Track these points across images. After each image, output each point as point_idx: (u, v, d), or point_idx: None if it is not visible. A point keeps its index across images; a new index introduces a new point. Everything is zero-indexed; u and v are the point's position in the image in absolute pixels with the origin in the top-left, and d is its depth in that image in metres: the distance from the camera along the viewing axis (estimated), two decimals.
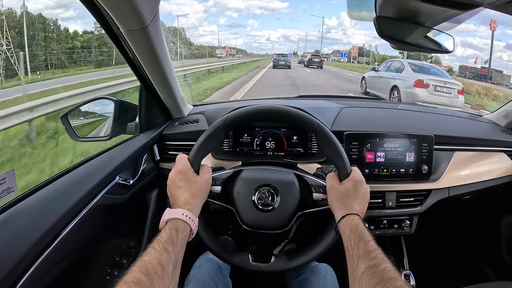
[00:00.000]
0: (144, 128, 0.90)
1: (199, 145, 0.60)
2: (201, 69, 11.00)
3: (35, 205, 0.57)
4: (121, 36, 0.64)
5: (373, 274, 0.42)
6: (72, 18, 23.52)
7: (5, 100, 5.05)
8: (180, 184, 0.55)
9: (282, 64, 16.85)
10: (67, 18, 25.73)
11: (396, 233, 0.87)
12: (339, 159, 0.60)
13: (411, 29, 0.70)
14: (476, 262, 1.16)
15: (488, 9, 0.58)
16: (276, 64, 16.90)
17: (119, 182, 0.72)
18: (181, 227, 0.49)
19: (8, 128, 3.03)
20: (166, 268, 0.42)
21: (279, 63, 16.89)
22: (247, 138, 0.84)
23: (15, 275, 0.45)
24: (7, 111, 3.07)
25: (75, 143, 0.99)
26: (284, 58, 17.68)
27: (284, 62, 17.07)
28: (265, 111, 0.65)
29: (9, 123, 3.03)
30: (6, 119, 3.00)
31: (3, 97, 5.33)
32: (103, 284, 0.73)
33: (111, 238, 0.76)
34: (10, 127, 3.05)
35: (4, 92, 6.02)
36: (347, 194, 0.57)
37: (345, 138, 0.82)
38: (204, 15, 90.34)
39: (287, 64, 16.86)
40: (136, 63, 0.73)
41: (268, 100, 1.24)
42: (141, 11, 0.55)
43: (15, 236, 0.49)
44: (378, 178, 0.83)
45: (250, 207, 0.63)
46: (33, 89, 6.07)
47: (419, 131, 0.85)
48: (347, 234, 0.51)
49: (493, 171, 0.90)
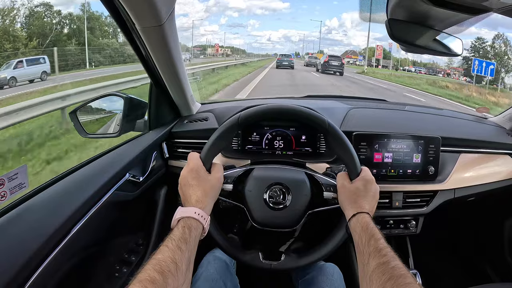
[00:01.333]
0: (153, 126, 0.90)
1: (211, 144, 0.60)
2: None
3: (47, 201, 0.57)
4: (136, 33, 0.64)
5: (384, 271, 0.43)
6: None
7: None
8: (192, 182, 0.55)
9: (285, 64, 17.20)
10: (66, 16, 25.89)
11: (402, 233, 0.88)
12: (350, 159, 0.61)
13: (422, 32, 0.71)
14: (479, 263, 1.17)
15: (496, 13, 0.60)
16: (280, 64, 17.25)
17: (129, 179, 0.72)
18: (193, 226, 0.49)
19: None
20: (180, 267, 0.42)
21: (282, 63, 17.24)
22: (256, 137, 0.85)
23: (28, 270, 0.45)
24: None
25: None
26: (288, 59, 18.09)
27: (288, 62, 17.45)
28: (278, 110, 0.66)
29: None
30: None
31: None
32: (112, 280, 0.73)
33: (120, 235, 0.76)
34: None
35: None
36: (358, 193, 0.58)
37: (354, 139, 0.82)
38: (205, 14, 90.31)
39: (290, 65, 17.19)
40: (149, 60, 0.74)
41: (276, 99, 1.24)
42: (158, 8, 0.55)
43: (27, 232, 0.50)
44: (386, 179, 0.83)
45: (261, 205, 0.63)
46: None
47: (426, 132, 0.86)
48: (358, 232, 0.52)
49: (498, 173, 0.91)
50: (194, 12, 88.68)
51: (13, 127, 3.11)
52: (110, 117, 0.91)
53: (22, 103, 3.26)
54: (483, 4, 0.56)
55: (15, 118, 3.02)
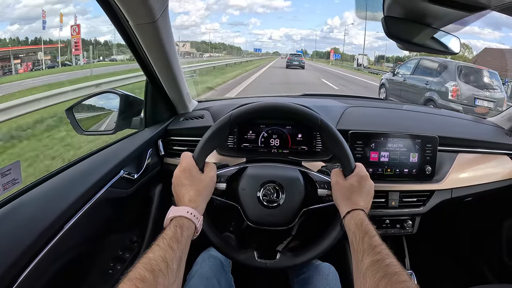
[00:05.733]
0: (149, 123, 0.90)
1: (204, 143, 0.60)
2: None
3: (40, 197, 0.57)
4: (130, 30, 0.64)
5: (378, 269, 0.43)
6: (72, 13, 23.71)
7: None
8: (185, 182, 0.55)
9: (296, 64, 16.62)
10: (67, 14, 25.95)
11: (398, 233, 0.87)
12: (343, 155, 0.61)
13: (418, 29, 0.70)
14: (477, 263, 1.17)
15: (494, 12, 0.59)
16: (290, 64, 16.77)
17: (124, 176, 0.72)
18: (185, 225, 0.49)
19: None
20: (170, 266, 0.42)
21: (292, 63, 16.72)
22: (252, 135, 0.84)
23: (19, 266, 0.45)
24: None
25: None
26: (298, 58, 17.45)
27: (298, 62, 16.86)
28: (270, 108, 0.65)
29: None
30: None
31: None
32: (106, 277, 0.73)
33: (114, 232, 0.76)
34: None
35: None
36: (352, 189, 0.57)
37: (350, 137, 0.82)
38: (206, 12, 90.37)
39: (301, 65, 16.69)
40: (144, 57, 0.73)
41: (273, 97, 1.24)
42: (151, 5, 0.55)
43: (19, 228, 0.49)
44: (382, 178, 0.83)
45: (255, 204, 0.63)
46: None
47: (423, 131, 0.85)
48: (352, 229, 0.52)
49: (496, 174, 0.91)
50: (195, 10, 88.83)
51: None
52: (106, 114, 0.91)
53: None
54: (480, 1, 0.55)
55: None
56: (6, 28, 21.55)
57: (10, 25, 25.70)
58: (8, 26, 23.83)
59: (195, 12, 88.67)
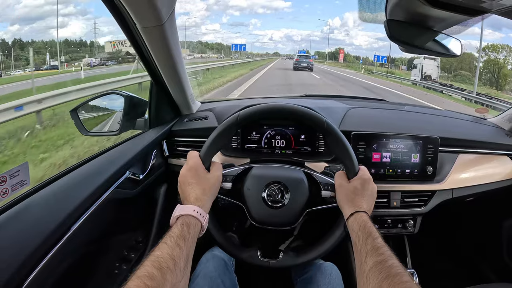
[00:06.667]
0: (154, 124, 0.90)
1: (211, 142, 0.61)
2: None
3: (48, 198, 0.58)
4: (137, 32, 0.65)
5: (381, 270, 0.43)
6: (73, 14, 23.57)
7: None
8: (191, 181, 0.56)
9: (304, 66, 16.13)
10: (67, 14, 25.76)
11: (399, 232, 0.88)
12: (347, 158, 0.62)
13: (420, 32, 0.71)
14: (477, 263, 1.17)
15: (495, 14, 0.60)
16: (298, 66, 16.35)
17: (129, 176, 0.73)
18: (192, 223, 0.50)
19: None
20: (178, 263, 0.43)
21: (301, 65, 16.28)
22: (256, 136, 0.85)
23: (28, 267, 0.46)
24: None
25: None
26: (307, 60, 16.88)
27: (307, 64, 16.34)
28: (277, 109, 0.66)
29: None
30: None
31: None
32: (112, 277, 0.74)
33: (120, 232, 0.77)
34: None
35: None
36: (356, 192, 0.58)
37: (352, 138, 0.83)
38: (206, 13, 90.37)
39: (309, 66, 16.27)
40: (149, 59, 0.74)
41: (275, 98, 1.25)
42: (159, 8, 0.56)
43: (27, 229, 0.50)
44: (384, 178, 0.84)
45: (260, 204, 0.64)
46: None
47: (424, 132, 0.86)
48: (356, 231, 0.53)
49: (496, 174, 0.91)
50: (195, 10, 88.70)
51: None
52: (111, 115, 0.91)
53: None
54: (481, 5, 0.56)
55: None
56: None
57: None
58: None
59: (196, 13, 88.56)
